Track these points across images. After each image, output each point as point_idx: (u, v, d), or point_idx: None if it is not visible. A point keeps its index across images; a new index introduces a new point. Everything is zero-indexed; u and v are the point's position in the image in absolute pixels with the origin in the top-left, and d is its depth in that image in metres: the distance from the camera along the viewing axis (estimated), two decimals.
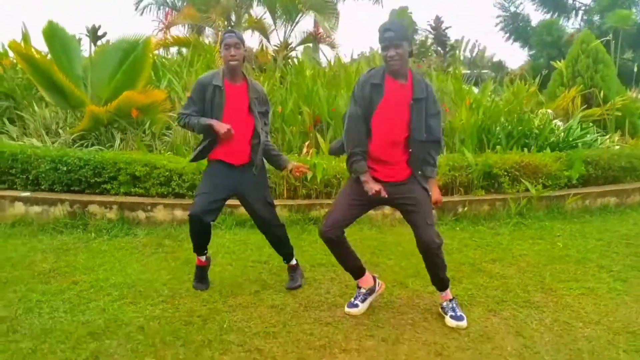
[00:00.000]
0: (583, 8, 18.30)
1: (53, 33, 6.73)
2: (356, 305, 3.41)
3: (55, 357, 2.75)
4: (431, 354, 2.88)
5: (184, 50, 10.11)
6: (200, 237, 3.71)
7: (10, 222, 5.44)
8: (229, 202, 3.88)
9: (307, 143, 6.42)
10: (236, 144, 3.54)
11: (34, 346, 2.85)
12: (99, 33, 8.48)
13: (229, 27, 10.85)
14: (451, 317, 3.26)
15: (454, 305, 3.34)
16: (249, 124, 3.57)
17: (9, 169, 5.75)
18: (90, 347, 2.86)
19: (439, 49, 14.53)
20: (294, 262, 3.93)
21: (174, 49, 12.01)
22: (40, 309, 3.37)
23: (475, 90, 9.38)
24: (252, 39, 13.75)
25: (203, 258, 3.81)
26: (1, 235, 5.11)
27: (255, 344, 2.94)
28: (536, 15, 41.79)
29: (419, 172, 3.18)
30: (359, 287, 3.49)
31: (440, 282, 3.36)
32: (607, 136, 7.90)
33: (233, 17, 11.18)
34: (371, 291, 3.53)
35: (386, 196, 3.10)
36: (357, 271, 3.50)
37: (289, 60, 10.80)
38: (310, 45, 12.53)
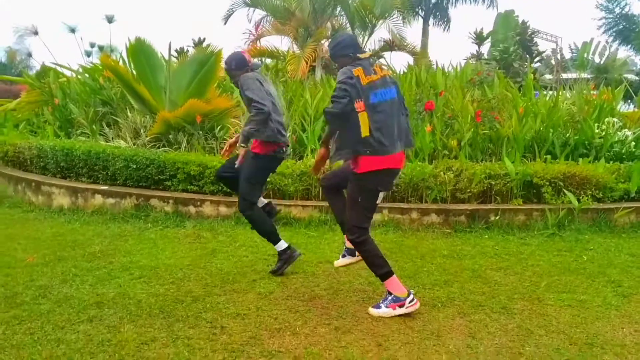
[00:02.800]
0: None
1: (139, 49, 7.68)
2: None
3: (62, 317, 3.38)
4: (372, 344, 3.12)
5: (267, 60, 10.87)
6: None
7: (90, 211, 6.39)
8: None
9: None
10: None
11: (50, 308, 3.52)
12: (204, 45, 9.42)
13: (307, 38, 11.45)
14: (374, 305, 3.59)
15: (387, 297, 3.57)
16: None
17: (94, 165, 6.73)
18: (91, 312, 3.46)
19: (526, 55, 13.89)
20: (280, 247, 4.34)
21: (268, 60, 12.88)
22: (73, 281, 4.07)
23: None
24: None
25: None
26: (81, 222, 6.04)
27: (223, 322, 3.37)
28: None
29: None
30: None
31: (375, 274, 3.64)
32: None
33: (313, 28, 11.79)
34: (351, 252, 3.97)
35: None
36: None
37: None
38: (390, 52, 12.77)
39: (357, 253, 3.81)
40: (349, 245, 3.89)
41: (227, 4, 14.26)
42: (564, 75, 18.52)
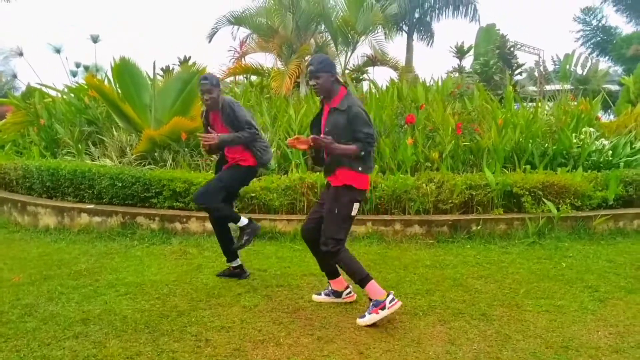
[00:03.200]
0: None
1: (124, 68, 7.76)
2: (319, 294, 4.10)
3: (48, 334, 3.42)
4: (354, 352, 3.19)
5: (252, 77, 11.02)
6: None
7: (77, 230, 6.41)
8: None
9: None
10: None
11: (36, 326, 3.55)
12: (189, 63, 9.52)
13: (291, 55, 11.64)
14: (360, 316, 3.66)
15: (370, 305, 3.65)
16: None
17: (80, 184, 6.76)
18: (77, 329, 3.50)
19: (506, 67, 14.16)
20: (241, 223, 4.56)
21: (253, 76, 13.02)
22: (59, 299, 4.10)
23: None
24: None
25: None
26: (67, 241, 6.06)
27: (207, 335, 3.42)
28: (629, 29, 38.24)
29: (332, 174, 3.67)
30: (329, 283, 4.07)
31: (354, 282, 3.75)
32: None
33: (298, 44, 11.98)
34: (337, 294, 4.02)
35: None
36: (330, 274, 4.02)
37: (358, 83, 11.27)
38: (375, 67, 12.99)
39: (342, 295, 4.04)
40: (333, 287, 4.05)
41: (212, 22, 14.53)
42: (548, 87, 18.87)
